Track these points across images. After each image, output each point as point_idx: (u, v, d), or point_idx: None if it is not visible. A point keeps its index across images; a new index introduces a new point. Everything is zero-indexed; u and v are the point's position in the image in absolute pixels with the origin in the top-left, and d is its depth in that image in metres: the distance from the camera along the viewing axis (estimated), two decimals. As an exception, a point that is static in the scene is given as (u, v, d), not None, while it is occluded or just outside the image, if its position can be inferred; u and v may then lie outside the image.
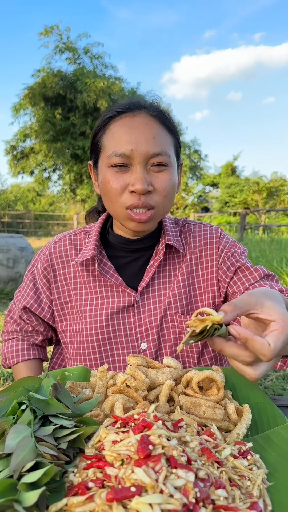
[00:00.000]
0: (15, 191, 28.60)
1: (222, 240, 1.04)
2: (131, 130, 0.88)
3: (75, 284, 1.04)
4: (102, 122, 0.94)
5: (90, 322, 1.00)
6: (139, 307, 1.00)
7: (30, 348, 1.10)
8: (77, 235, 1.09)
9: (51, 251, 1.08)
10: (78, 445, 0.57)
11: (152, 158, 0.89)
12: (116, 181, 0.89)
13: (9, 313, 1.14)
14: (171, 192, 0.93)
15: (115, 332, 1.00)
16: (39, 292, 1.08)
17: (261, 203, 21.86)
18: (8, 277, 5.24)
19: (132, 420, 0.57)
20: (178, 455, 0.49)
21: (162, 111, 0.94)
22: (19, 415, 0.58)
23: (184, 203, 21.74)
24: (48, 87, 17.57)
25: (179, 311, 1.00)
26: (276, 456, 0.62)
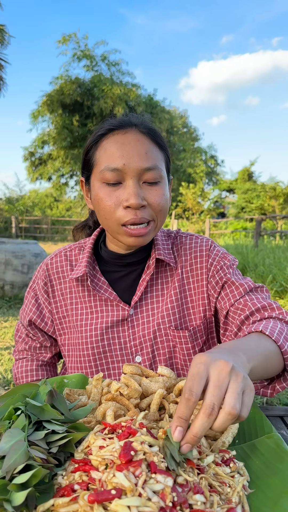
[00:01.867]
0: (33, 196, 29.05)
1: (211, 253, 1.05)
2: (123, 146, 0.90)
3: (71, 299, 1.07)
4: (94, 139, 0.96)
5: (86, 337, 1.03)
6: (132, 321, 1.02)
7: (39, 369, 1.14)
8: (72, 251, 1.12)
9: (49, 267, 1.11)
10: (68, 450, 0.60)
11: (145, 173, 0.90)
12: (109, 198, 0.90)
13: (17, 332, 1.18)
14: (165, 207, 0.94)
15: (110, 346, 1.02)
16: (41, 307, 1.11)
17: (278, 209, 21.65)
18: (23, 282, 5.33)
19: (119, 427, 0.60)
20: (158, 461, 0.52)
21: (152, 129, 0.95)
22: (14, 420, 0.62)
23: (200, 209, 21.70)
24: (66, 94, 17.88)
25: (173, 325, 1.01)
26: (259, 464, 0.64)
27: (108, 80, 18.18)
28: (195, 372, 0.56)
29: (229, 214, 27.02)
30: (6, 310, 4.98)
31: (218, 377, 0.55)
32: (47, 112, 18.77)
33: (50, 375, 1.16)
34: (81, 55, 18.91)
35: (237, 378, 0.56)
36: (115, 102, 17.48)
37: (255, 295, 0.98)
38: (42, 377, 1.13)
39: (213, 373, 0.56)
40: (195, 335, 1.02)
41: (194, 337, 1.02)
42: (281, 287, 5.27)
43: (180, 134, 25.00)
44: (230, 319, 0.98)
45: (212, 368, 0.56)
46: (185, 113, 29.13)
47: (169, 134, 20.99)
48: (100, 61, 19.20)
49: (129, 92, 18.09)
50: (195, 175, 23.36)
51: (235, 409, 0.53)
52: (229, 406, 0.53)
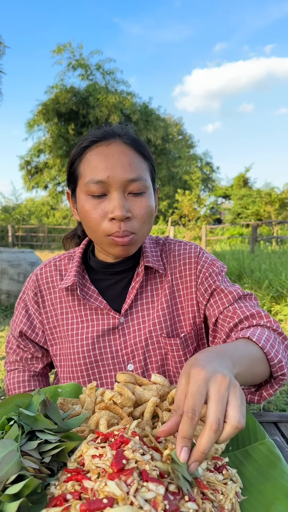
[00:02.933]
0: (29, 205, 29.08)
1: (200, 260, 1.05)
2: (107, 158, 0.90)
3: (61, 309, 1.07)
4: (78, 152, 0.96)
5: (77, 346, 1.03)
6: (123, 329, 1.02)
7: (31, 380, 1.13)
8: (61, 260, 1.13)
9: (38, 277, 1.11)
10: (61, 459, 0.60)
11: (129, 185, 0.90)
12: (95, 211, 0.91)
13: (8, 343, 1.17)
14: (150, 218, 0.95)
15: (102, 355, 1.02)
16: (32, 318, 1.11)
17: (273, 215, 21.75)
18: (19, 291, 5.32)
19: (112, 435, 0.61)
20: (150, 469, 0.53)
21: (136, 139, 0.95)
22: (7, 430, 0.62)
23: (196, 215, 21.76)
24: (61, 103, 17.99)
25: (164, 333, 1.01)
26: (252, 471, 0.65)
27: (103, 89, 18.31)
28: (195, 390, 0.56)
29: (225, 220, 27.11)
30: (2, 320, 4.96)
31: (219, 392, 0.55)
32: (43, 121, 18.86)
33: (42, 385, 1.16)
34: (76, 65, 19.06)
35: (235, 390, 0.57)
36: (110, 111, 17.59)
37: (243, 303, 0.98)
38: (35, 388, 1.12)
39: (213, 388, 0.56)
40: (186, 343, 1.03)
41: (185, 345, 1.02)
42: (277, 292, 5.28)
43: (175, 141, 25.16)
44: (219, 327, 0.99)
45: (211, 384, 0.56)
46: (180, 121, 29.35)
47: (165, 141, 21.10)
48: (95, 70, 19.35)
49: (124, 100, 18.22)
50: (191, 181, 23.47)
51: (240, 423, 0.54)
52: (235, 421, 0.54)
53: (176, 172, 23.77)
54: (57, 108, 18.13)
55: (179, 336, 1.02)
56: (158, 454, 0.58)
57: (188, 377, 0.58)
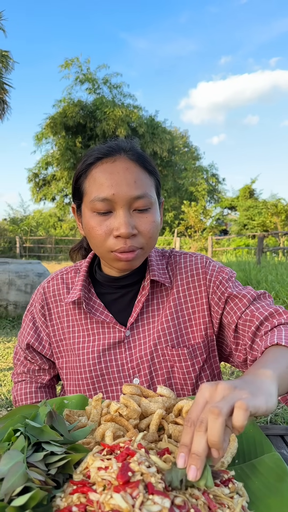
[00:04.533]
0: (37, 216, 29.32)
1: (208, 269, 1.05)
2: (112, 176, 0.89)
3: (68, 322, 1.08)
4: (83, 168, 0.95)
5: (83, 360, 1.03)
6: (129, 343, 1.02)
7: (38, 391, 1.13)
8: (68, 274, 1.13)
9: (45, 290, 1.12)
10: (67, 471, 0.60)
11: (135, 202, 0.90)
12: (100, 227, 0.91)
13: (16, 355, 1.18)
14: (155, 233, 0.95)
15: (108, 369, 1.02)
16: (39, 330, 1.11)
17: (280, 226, 21.69)
18: (26, 302, 5.34)
19: (118, 447, 0.61)
20: (156, 481, 0.52)
21: (141, 154, 0.95)
22: (14, 442, 0.62)
23: (202, 226, 21.77)
24: (69, 117, 18.25)
25: (169, 344, 1.01)
26: (259, 485, 0.64)
27: (110, 103, 18.57)
28: (195, 401, 0.58)
29: (231, 231, 27.08)
30: (9, 330, 4.97)
31: (211, 397, 0.57)
32: (51, 134, 19.14)
33: (49, 397, 1.16)
34: (83, 79, 19.39)
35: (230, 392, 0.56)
36: (117, 124, 17.81)
37: (259, 303, 0.98)
38: (42, 399, 1.12)
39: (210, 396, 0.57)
40: (194, 353, 1.02)
41: (193, 355, 1.02)
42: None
43: (181, 153, 25.34)
44: (241, 332, 0.98)
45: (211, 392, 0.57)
46: (186, 133, 29.59)
47: (171, 154, 21.26)
48: (102, 84, 19.67)
49: (131, 113, 18.44)
50: (197, 193, 23.54)
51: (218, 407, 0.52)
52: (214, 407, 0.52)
53: (182, 183, 23.89)
54: (64, 121, 18.40)
55: (187, 346, 1.01)
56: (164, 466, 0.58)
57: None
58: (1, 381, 3.23)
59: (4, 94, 14.71)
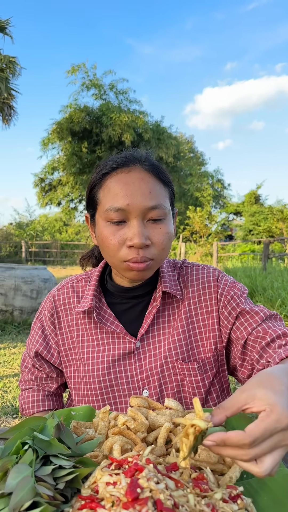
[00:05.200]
0: (42, 221, 29.43)
1: (220, 283, 1.04)
2: (127, 186, 0.90)
3: (77, 331, 1.07)
4: (98, 178, 0.96)
5: (92, 370, 1.02)
6: (139, 354, 1.02)
7: (45, 399, 1.13)
8: (78, 282, 1.13)
9: (55, 298, 1.12)
10: (75, 485, 0.60)
11: (149, 212, 0.90)
12: (113, 237, 0.91)
13: (23, 362, 1.18)
14: (168, 244, 0.95)
15: (117, 380, 1.02)
16: (48, 338, 1.11)
17: (285, 232, 21.60)
18: (32, 308, 5.36)
19: (126, 462, 0.61)
20: (165, 498, 0.52)
21: (156, 165, 0.95)
22: (22, 455, 0.62)
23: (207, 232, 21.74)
24: (75, 122, 18.35)
25: (180, 358, 1.00)
26: (268, 500, 0.64)
27: (116, 108, 18.64)
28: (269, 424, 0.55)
29: (236, 237, 27.01)
30: (15, 336, 4.98)
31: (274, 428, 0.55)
32: (57, 140, 19.24)
33: (57, 405, 1.16)
34: (89, 84, 19.50)
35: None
36: (123, 130, 17.86)
37: (272, 322, 0.98)
38: (49, 408, 1.13)
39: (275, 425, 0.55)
40: (204, 367, 1.01)
41: (203, 369, 1.01)
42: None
43: (187, 159, 25.37)
44: (249, 348, 0.97)
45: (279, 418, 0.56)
46: (191, 139, 29.64)
47: (176, 159, 21.29)
48: (108, 89, 19.76)
49: (137, 119, 18.50)
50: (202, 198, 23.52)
51: (266, 473, 0.56)
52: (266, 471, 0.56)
53: (187, 189, 23.90)
54: (71, 127, 18.49)
55: (197, 361, 1.01)
56: (172, 482, 0.57)
57: (271, 410, 0.56)
58: (7, 388, 3.23)
59: (11, 99, 14.81)
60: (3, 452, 0.65)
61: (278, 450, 0.57)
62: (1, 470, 0.60)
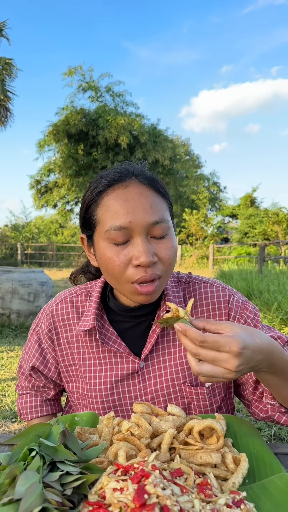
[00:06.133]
0: (38, 223, 29.38)
1: (232, 305, 1.00)
2: (127, 203, 0.85)
3: (78, 348, 1.04)
4: (93, 197, 0.91)
5: (95, 390, 1.00)
6: (143, 374, 0.99)
7: (43, 405, 1.12)
8: (78, 297, 1.08)
9: (54, 313, 1.07)
10: (82, 491, 0.61)
11: (152, 228, 0.86)
12: (118, 258, 0.85)
13: (20, 368, 1.16)
14: (174, 258, 0.91)
15: (120, 400, 0.99)
16: (45, 352, 1.09)
17: (281, 234, 21.72)
18: (29, 311, 5.35)
19: (132, 468, 0.62)
20: (171, 504, 0.53)
21: (153, 178, 0.91)
22: (29, 461, 0.63)
23: (203, 234, 21.82)
24: (72, 124, 18.36)
25: (187, 381, 0.97)
26: (269, 506, 0.65)
27: (113, 111, 18.70)
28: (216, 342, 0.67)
29: (232, 239, 27.10)
30: (12, 339, 4.98)
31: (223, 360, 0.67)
32: (53, 142, 19.26)
33: (55, 409, 1.15)
34: (86, 87, 19.55)
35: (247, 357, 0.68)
36: (119, 132, 17.91)
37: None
38: (47, 413, 1.12)
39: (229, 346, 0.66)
40: (213, 392, 0.99)
41: (212, 394, 0.98)
42: (286, 315, 5.25)
43: (183, 161, 25.45)
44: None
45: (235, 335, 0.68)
46: (187, 142, 29.73)
47: (172, 162, 21.36)
48: (104, 92, 19.83)
49: (133, 122, 18.55)
50: (198, 201, 23.61)
51: (198, 373, 0.69)
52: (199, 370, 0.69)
53: (183, 191, 23.98)
54: (67, 129, 18.51)
55: (205, 386, 0.97)
56: (178, 488, 0.59)
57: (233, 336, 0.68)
58: (5, 392, 3.22)
59: (7, 101, 14.83)
60: (10, 459, 0.66)
61: (219, 368, 0.68)
62: (9, 476, 0.62)
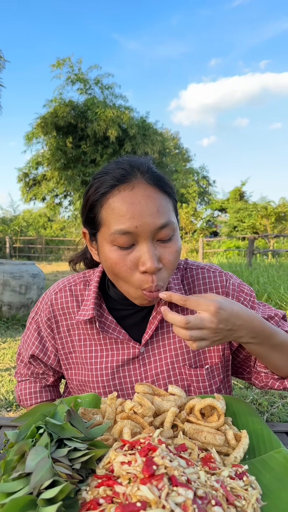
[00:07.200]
0: (27, 216, 29.15)
1: (229, 289, 1.03)
2: (133, 206, 0.82)
3: (79, 335, 1.05)
4: (97, 198, 0.88)
5: (96, 375, 1.01)
6: (144, 359, 1.01)
7: (43, 391, 1.13)
8: (77, 285, 1.08)
9: (53, 303, 1.07)
10: (90, 466, 0.63)
11: (158, 232, 0.84)
12: (124, 263, 0.85)
13: (19, 356, 1.17)
14: (177, 261, 0.90)
15: (121, 385, 1.01)
16: (44, 340, 1.09)
17: (269, 228, 21.92)
18: (20, 303, 5.33)
19: (138, 443, 0.64)
20: (179, 475, 0.55)
21: (159, 176, 0.88)
22: (38, 438, 0.65)
23: (193, 228, 21.90)
24: (60, 117, 18.16)
25: (187, 364, 1.00)
26: (270, 478, 0.67)
27: (101, 103, 18.53)
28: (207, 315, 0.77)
29: (221, 233, 27.26)
30: (4, 331, 4.95)
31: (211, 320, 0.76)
32: (41, 134, 19.03)
33: (54, 395, 1.16)
34: (75, 79, 19.31)
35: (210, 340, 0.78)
36: (108, 125, 17.77)
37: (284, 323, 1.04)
38: (46, 399, 1.13)
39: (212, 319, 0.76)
40: (212, 373, 1.01)
41: (211, 375, 1.01)
42: (276, 305, 5.33)
43: (172, 155, 25.41)
44: None
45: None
46: (176, 135, 29.67)
47: (162, 155, 21.30)
48: (93, 84, 19.61)
49: (122, 114, 18.42)
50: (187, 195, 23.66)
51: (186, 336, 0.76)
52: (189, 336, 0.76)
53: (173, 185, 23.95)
54: (55, 121, 18.30)
55: (204, 367, 1.00)
56: (184, 461, 0.61)
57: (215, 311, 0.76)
58: None
59: (-5, 93, 14.60)
60: (18, 437, 0.67)
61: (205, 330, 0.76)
62: (18, 452, 0.63)
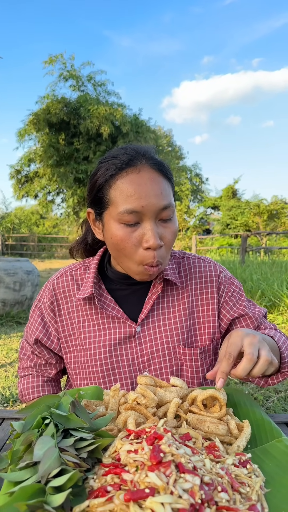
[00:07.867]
0: (19, 214, 28.97)
1: (222, 280, 1.12)
2: (140, 187, 0.91)
3: (78, 317, 1.10)
4: (106, 179, 0.96)
5: (94, 354, 1.06)
6: (140, 338, 1.06)
7: (45, 385, 1.16)
8: (77, 270, 1.15)
9: (55, 287, 1.14)
10: (96, 455, 0.63)
11: (161, 212, 0.93)
12: (129, 239, 0.93)
13: (22, 350, 1.21)
14: (174, 241, 0.99)
15: (118, 363, 1.05)
16: (47, 325, 1.14)
17: (262, 226, 22.04)
18: (15, 300, 5.31)
19: (144, 432, 0.64)
20: (185, 462, 0.56)
21: (162, 163, 0.97)
22: (44, 429, 0.65)
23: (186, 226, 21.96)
24: (52, 113, 18.05)
25: (181, 343, 1.06)
26: (273, 466, 0.69)
27: (94, 100, 18.44)
28: (233, 341, 0.80)
29: (214, 231, 27.35)
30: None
31: (252, 342, 0.79)
32: (34, 131, 18.89)
33: (56, 390, 1.18)
34: (67, 75, 19.19)
35: (264, 344, 0.80)
36: (101, 122, 17.70)
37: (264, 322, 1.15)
38: (48, 393, 1.14)
39: (247, 340, 0.79)
40: (204, 354, 1.08)
41: (203, 355, 1.08)
42: (270, 301, 5.37)
43: (165, 153, 25.39)
44: None
45: (246, 338, 0.80)
46: (169, 133, 29.66)
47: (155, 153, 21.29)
48: (86, 81, 19.51)
49: (115, 112, 18.36)
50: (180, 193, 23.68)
51: (269, 357, 0.77)
52: (266, 356, 0.77)
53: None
54: (48, 118, 18.19)
55: (198, 347, 1.07)
56: (189, 449, 0.62)
57: (229, 337, 0.83)
58: (-7, 379, 3.21)
59: (-13, 89, 14.49)
60: (24, 427, 0.68)
61: (262, 347, 0.80)
62: (25, 442, 0.63)
